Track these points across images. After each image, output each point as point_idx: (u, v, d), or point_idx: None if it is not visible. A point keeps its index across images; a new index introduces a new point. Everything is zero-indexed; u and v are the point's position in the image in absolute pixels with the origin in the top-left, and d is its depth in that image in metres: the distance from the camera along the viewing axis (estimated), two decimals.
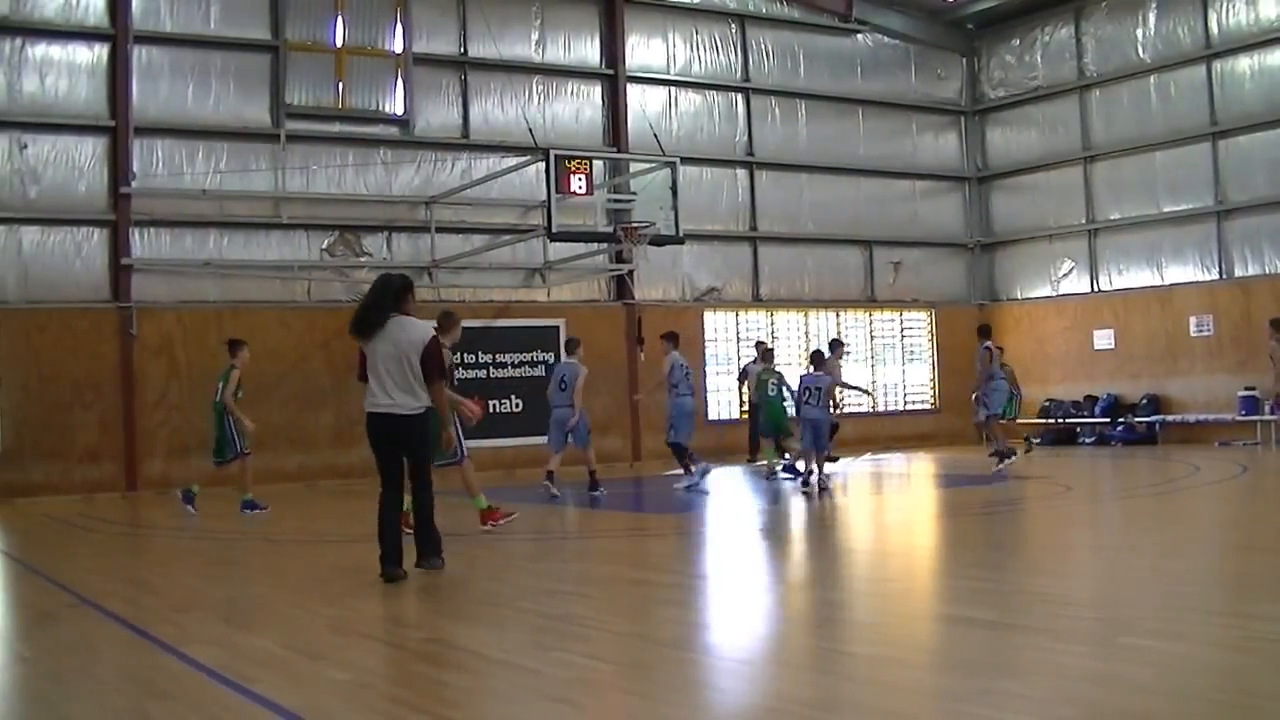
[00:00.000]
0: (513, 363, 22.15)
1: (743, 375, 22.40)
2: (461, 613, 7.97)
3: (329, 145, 21.27)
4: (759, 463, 21.14)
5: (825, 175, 25.96)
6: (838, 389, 17.75)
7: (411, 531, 9.34)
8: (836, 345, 19.31)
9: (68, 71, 19.52)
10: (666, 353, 16.94)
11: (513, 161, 21.38)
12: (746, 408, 22.45)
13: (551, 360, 22.15)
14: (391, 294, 9.09)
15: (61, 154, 19.39)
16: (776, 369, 18.65)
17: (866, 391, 21.96)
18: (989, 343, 18.27)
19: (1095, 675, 5.50)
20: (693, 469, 16.40)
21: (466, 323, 21.49)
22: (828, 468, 15.87)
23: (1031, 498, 14.63)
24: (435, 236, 21.54)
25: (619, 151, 22.85)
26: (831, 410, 16.38)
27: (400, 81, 21.77)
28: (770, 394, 17.52)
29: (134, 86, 19.74)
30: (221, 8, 20.54)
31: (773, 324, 25.21)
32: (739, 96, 25.18)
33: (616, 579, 9.59)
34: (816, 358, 16.45)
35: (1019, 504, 14.26)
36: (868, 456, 18.77)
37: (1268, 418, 21.59)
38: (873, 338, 26.54)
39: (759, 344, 22.70)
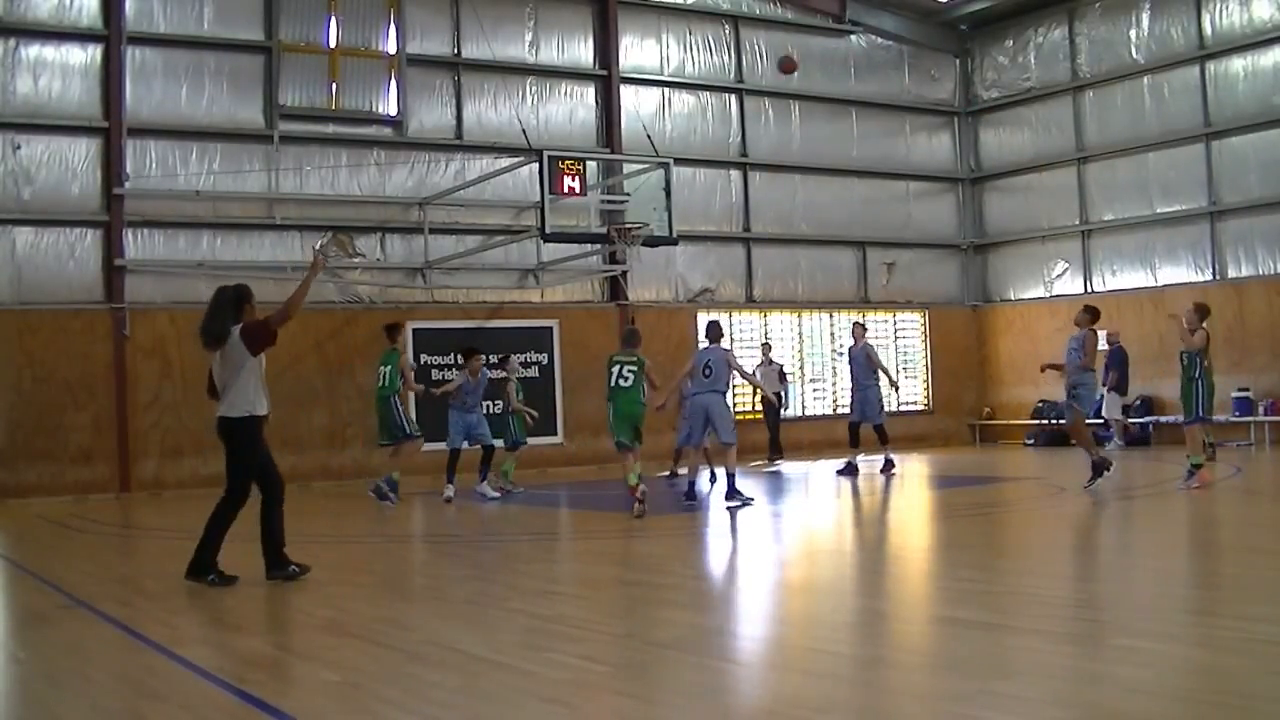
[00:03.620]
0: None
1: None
2: (454, 613, 7.96)
3: (322, 146, 21.24)
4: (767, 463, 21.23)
5: (819, 176, 25.96)
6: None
7: None
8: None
9: (61, 72, 19.48)
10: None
11: (506, 162, 21.36)
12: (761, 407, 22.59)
13: (545, 361, 22.19)
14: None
15: (55, 155, 19.34)
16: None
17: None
18: (1090, 328, 14.86)
19: (1089, 676, 5.50)
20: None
21: (460, 324, 21.76)
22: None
23: (1025, 499, 14.64)
24: (429, 237, 21.51)
25: (612, 152, 22.83)
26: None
27: (393, 82, 21.75)
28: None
29: (127, 87, 19.71)
30: (214, 9, 20.50)
31: (766, 325, 25.21)
32: (732, 97, 25.17)
33: (610, 580, 9.58)
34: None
35: (1012, 505, 14.27)
36: (861, 458, 18.74)
37: (1261, 419, 21.63)
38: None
39: (765, 345, 22.85)
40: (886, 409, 19.37)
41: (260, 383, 9.65)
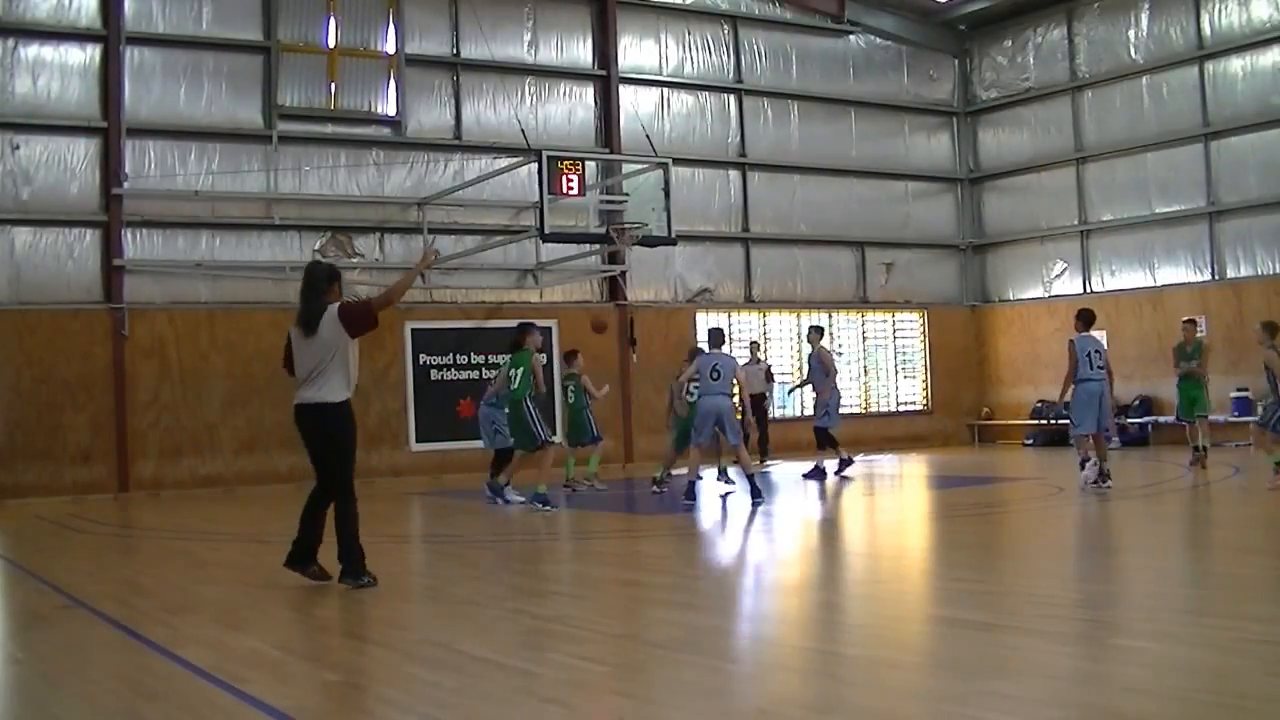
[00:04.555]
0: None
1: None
2: (453, 613, 7.96)
3: (321, 146, 21.25)
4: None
5: (817, 176, 25.97)
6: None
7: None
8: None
9: (60, 72, 19.48)
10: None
11: (505, 162, 21.37)
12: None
13: (544, 361, 22.14)
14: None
15: (53, 155, 19.35)
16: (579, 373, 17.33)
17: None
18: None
19: (1087, 676, 5.51)
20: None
21: (458, 324, 21.79)
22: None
23: (1023, 499, 14.64)
24: (428, 238, 21.51)
25: (611, 152, 22.84)
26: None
27: (392, 82, 21.76)
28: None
29: (126, 87, 19.71)
30: (213, 9, 20.51)
31: (765, 325, 25.22)
32: (731, 98, 25.18)
33: (609, 580, 9.58)
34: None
35: (1011, 505, 14.27)
36: (860, 457, 18.74)
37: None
38: (865, 339, 26.56)
39: (753, 344, 22.77)
40: (842, 412, 18.98)
41: (355, 367, 8.93)
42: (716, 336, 15.25)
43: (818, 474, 17.90)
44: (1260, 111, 22.43)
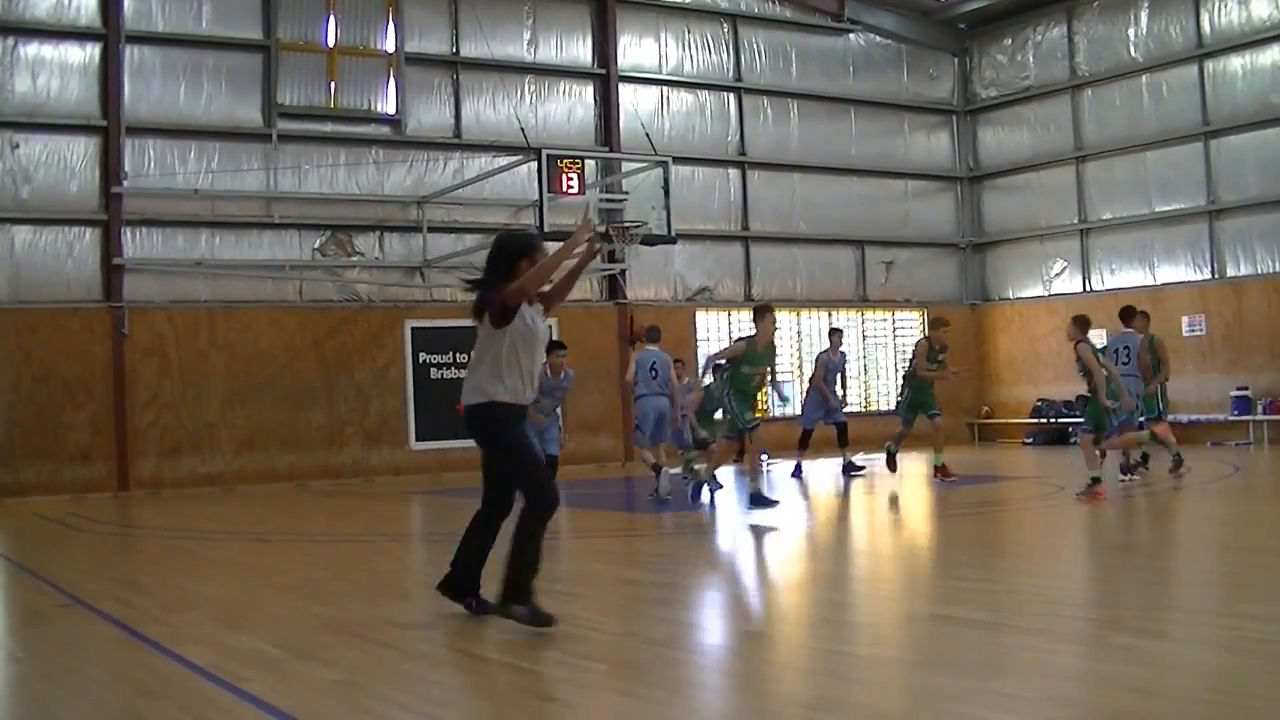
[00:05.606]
0: None
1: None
2: (453, 612, 7.96)
3: (321, 145, 21.24)
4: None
5: (817, 175, 25.97)
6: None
7: None
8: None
9: (59, 71, 19.47)
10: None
11: (505, 161, 21.38)
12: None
13: (543, 360, 22.14)
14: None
15: (53, 154, 19.35)
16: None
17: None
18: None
19: (1088, 675, 5.50)
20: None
21: (458, 323, 21.72)
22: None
23: (1023, 497, 14.64)
24: (427, 236, 21.52)
25: (611, 151, 22.84)
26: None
27: (392, 81, 21.75)
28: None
29: (125, 86, 19.71)
30: (213, 7, 20.50)
31: None
32: (731, 96, 25.17)
33: (609, 579, 9.58)
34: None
35: (1011, 504, 14.27)
36: (861, 456, 18.73)
37: (1260, 417, 21.64)
38: (865, 338, 26.55)
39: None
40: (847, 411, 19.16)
41: (506, 363, 7.26)
42: (653, 333, 15.35)
43: (853, 468, 18.23)
44: (1260, 110, 22.42)
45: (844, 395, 19.01)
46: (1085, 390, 13.74)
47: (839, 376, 18.67)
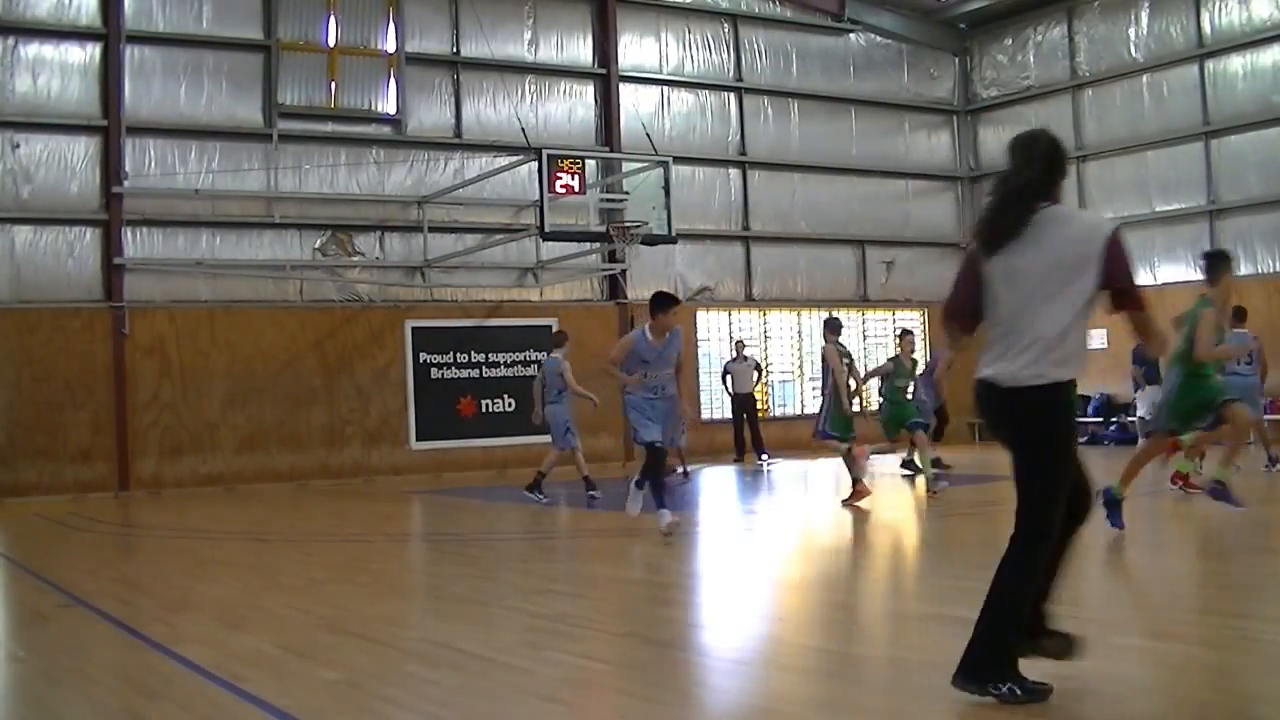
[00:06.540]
0: (505, 362, 22.13)
1: (725, 373, 22.23)
2: (453, 612, 7.96)
3: (321, 145, 21.25)
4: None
5: (818, 175, 25.97)
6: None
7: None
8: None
9: (60, 71, 19.48)
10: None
11: (505, 161, 21.38)
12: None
13: (543, 359, 22.17)
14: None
15: (54, 154, 19.35)
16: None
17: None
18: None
19: (1088, 675, 5.49)
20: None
21: (458, 322, 21.78)
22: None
23: None
24: (428, 236, 21.52)
25: (611, 151, 22.85)
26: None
27: (392, 81, 21.76)
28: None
29: (126, 86, 19.71)
30: (213, 7, 20.51)
31: (765, 324, 25.21)
32: (731, 96, 25.18)
33: (609, 578, 9.57)
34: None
35: (1011, 504, 14.23)
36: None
37: (1261, 417, 21.58)
38: (865, 337, 26.54)
39: (739, 342, 22.57)
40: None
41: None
42: (559, 337, 15.98)
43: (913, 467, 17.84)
44: (1260, 110, 22.42)
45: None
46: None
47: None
